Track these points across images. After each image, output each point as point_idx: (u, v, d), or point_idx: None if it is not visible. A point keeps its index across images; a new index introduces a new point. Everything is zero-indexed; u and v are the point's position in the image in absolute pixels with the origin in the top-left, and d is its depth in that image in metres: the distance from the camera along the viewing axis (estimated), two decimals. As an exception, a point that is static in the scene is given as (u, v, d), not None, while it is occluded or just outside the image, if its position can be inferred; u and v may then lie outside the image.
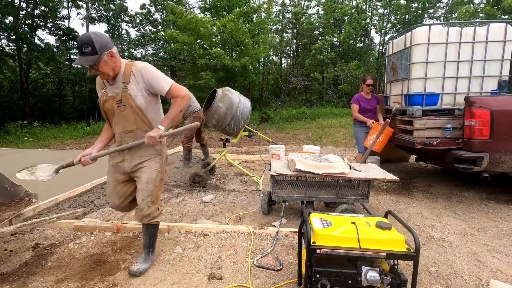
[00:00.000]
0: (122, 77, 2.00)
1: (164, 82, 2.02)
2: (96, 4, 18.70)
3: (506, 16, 13.77)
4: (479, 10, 15.73)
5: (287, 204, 3.13)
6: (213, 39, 12.48)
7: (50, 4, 15.36)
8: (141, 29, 20.90)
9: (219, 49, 11.74)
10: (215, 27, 11.91)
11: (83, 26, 19.32)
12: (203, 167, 4.82)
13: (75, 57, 18.11)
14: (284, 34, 21.47)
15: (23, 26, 15.44)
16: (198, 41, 12.72)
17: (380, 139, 4.19)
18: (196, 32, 12.19)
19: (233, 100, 4.15)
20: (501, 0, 12.67)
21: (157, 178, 2.17)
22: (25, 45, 15.02)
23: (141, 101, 2.02)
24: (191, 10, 15.93)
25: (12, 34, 14.71)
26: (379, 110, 4.60)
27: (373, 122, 4.35)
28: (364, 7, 20.23)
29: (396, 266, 1.61)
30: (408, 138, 3.89)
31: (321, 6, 20.08)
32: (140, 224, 2.91)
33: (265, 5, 14.48)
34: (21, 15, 14.85)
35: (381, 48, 20.78)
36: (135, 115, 2.04)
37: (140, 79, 2.00)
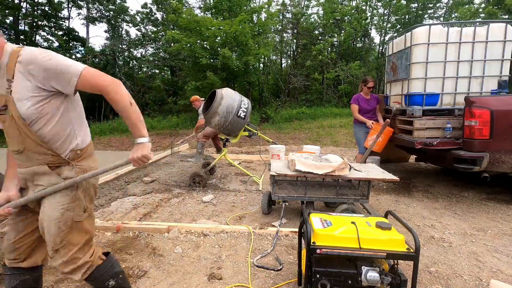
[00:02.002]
0: (5, 72, 1.32)
1: (69, 71, 1.32)
2: (97, 4, 18.71)
3: (507, 16, 13.78)
4: (480, 10, 15.73)
5: (287, 204, 3.13)
6: (216, 40, 12.48)
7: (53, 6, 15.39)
8: (142, 28, 20.91)
9: (227, 49, 11.72)
10: (221, 27, 11.89)
11: (83, 26, 19.31)
12: (203, 167, 4.82)
13: (75, 57, 18.13)
14: (284, 34, 21.46)
15: (24, 26, 15.47)
16: (198, 41, 12.72)
17: (380, 139, 4.19)
18: (198, 32, 12.19)
19: (233, 100, 4.15)
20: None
21: (61, 218, 1.40)
22: (25, 43, 15.02)
23: (28, 109, 1.30)
24: (192, 9, 15.89)
25: (12, 34, 14.73)
26: (379, 110, 4.60)
27: (372, 123, 4.36)
28: (364, 7, 20.23)
29: (396, 266, 1.61)
30: (408, 138, 3.89)
31: (321, 6, 20.08)
32: (140, 224, 2.92)
33: (267, 7, 14.51)
34: (21, 15, 14.86)
35: (381, 48, 20.79)
36: (17, 129, 1.33)
37: (31, 73, 1.30)
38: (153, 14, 20.55)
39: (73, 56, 18.05)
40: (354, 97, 4.61)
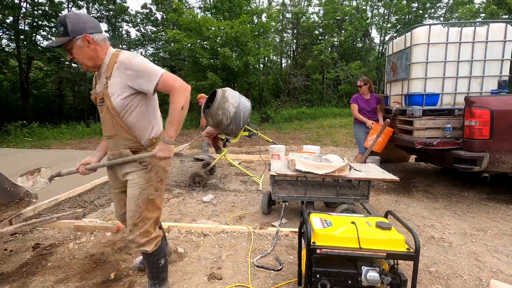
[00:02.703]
0: (105, 71, 1.65)
1: (151, 74, 1.58)
2: (97, 4, 18.71)
3: (506, 16, 13.77)
4: (480, 10, 15.73)
5: (287, 204, 3.13)
6: (216, 40, 12.48)
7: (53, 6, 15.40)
8: (142, 28, 20.92)
9: (227, 49, 11.71)
10: (222, 28, 11.88)
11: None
12: (203, 167, 4.82)
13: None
14: (284, 34, 21.47)
15: (24, 25, 15.46)
16: (199, 41, 12.72)
17: (380, 139, 4.20)
18: (199, 32, 12.18)
19: (233, 100, 4.15)
20: None
21: (140, 196, 1.73)
22: (25, 43, 15.02)
23: (118, 101, 1.62)
24: (192, 9, 15.90)
25: (12, 34, 14.73)
26: (379, 109, 4.60)
27: (372, 123, 4.36)
28: (364, 7, 20.23)
29: (396, 266, 1.61)
30: (408, 138, 3.89)
31: (321, 6, 20.08)
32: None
33: (267, 10, 14.52)
34: (21, 15, 14.86)
35: (381, 48, 20.79)
36: (111, 118, 1.66)
37: (123, 73, 1.60)
38: (153, 14, 20.57)
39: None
40: (354, 97, 4.64)
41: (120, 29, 20.97)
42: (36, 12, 15.77)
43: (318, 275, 1.61)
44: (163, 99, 8.29)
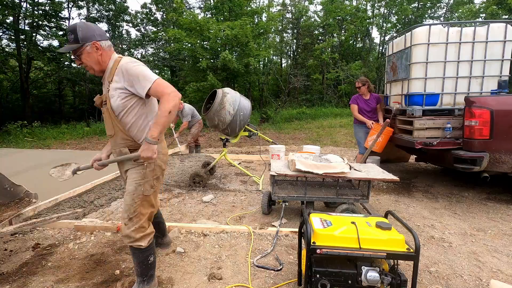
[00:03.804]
0: (108, 75, 1.79)
1: (145, 79, 1.69)
2: (97, 4, 18.71)
3: (506, 16, 13.77)
4: (481, 10, 15.73)
5: (287, 204, 3.13)
6: (217, 40, 12.47)
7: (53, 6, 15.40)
8: (142, 29, 20.91)
9: (227, 51, 11.72)
10: (222, 29, 11.88)
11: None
12: (203, 167, 4.82)
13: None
14: (284, 34, 21.47)
15: (24, 25, 15.46)
16: (198, 41, 12.71)
17: (380, 139, 4.20)
18: (199, 32, 12.16)
19: (233, 100, 4.15)
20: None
21: (135, 192, 1.82)
22: (25, 43, 15.01)
23: (117, 103, 1.75)
24: (192, 9, 15.91)
25: (12, 34, 14.73)
26: (379, 109, 4.60)
27: (373, 123, 4.36)
28: (365, 7, 20.23)
29: (396, 266, 1.61)
30: (408, 138, 3.89)
31: (323, 6, 20.07)
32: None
33: (268, 9, 14.51)
34: (21, 15, 14.86)
35: (381, 48, 20.79)
36: (110, 118, 1.80)
37: (122, 77, 1.73)
38: (153, 14, 20.56)
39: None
40: (353, 97, 4.66)
41: (120, 29, 20.97)
42: (36, 12, 15.76)
43: (318, 275, 1.61)
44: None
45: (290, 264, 2.31)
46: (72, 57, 1.79)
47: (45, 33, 16.37)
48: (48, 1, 15.72)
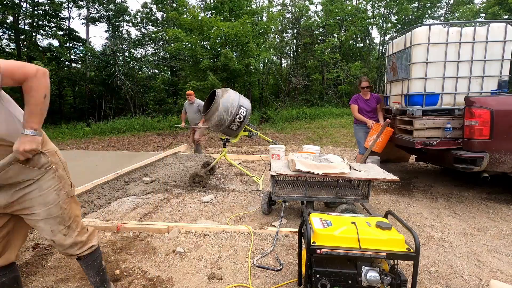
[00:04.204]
0: None
1: None
2: (97, 4, 18.72)
3: (507, 16, 13.78)
4: (481, 10, 15.73)
5: (287, 204, 3.13)
6: (217, 40, 12.47)
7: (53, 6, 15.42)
8: (142, 28, 20.91)
9: (229, 51, 11.71)
10: (223, 29, 11.88)
11: (84, 25, 19.34)
12: (203, 167, 4.82)
13: (75, 57, 18.14)
14: (284, 34, 21.48)
15: (24, 25, 15.47)
16: (199, 41, 12.71)
17: (380, 139, 4.20)
18: (200, 32, 12.15)
19: (233, 100, 4.15)
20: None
21: (59, 198, 1.57)
22: (25, 43, 15.02)
23: None
24: (193, 8, 15.88)
25: (12, 34, 14.73)
26: (379, 109, 4.60)
27: (373, 123, 4.36)
28: (365, 7, 20.23)
29: (396, 266, 1.61)
30: (408, 138, 3.89)
31: (322, 6, 20.08)
32: (140, 224, 2.92)
33: (268, 9, 14.52)
34: (21, 15, 14.87)
35: (381, 48, 20.79)
36: None
37: None
38: (153, 13, 20.56)
39: (73, 56, 18.07)
40: (353, 97, 4.65)
41: (120, 29, 20.98)
42: (36, 12, 15.77)
43: (318, 275, 1.60)
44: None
45: (290, 264, 2.31)
46: None
47: (45, 32, 16.39)
48: (48, 1, 15.74)
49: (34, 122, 1.37)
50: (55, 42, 17.03)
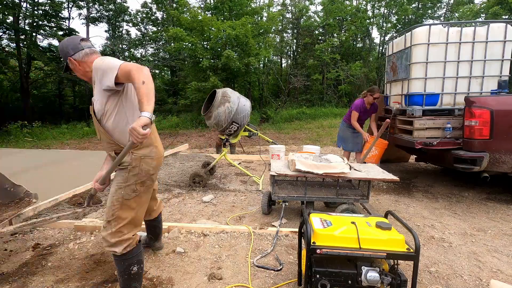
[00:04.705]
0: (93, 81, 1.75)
1: (111, 69, 1.59)
2: (97, 4, 18.71)
3: (507, 16, 13.78)
4: (482, 10, 15.73)
5: (287, 204, 3.13)
6: (218, 41, 12.46)
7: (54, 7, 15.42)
8: (142, 28, 20.91)
9: (230, 50, 11.70)
10: (223, 30, 11.86)
11: (83, 25, 19.34)
12: (203, 167, 4.82)
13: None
14: (284, 34, 21.48)
15: (24, 25, 15.47)
16: (199, 41, 12.70)
17: (376, 152, 4.22)
18: (200, 32, 12.14)
19: (233, 100, 4.15)
20: None
21: (115, 194, 1.76)
22: (25, 43, 15.01)
23: (97, 107, 1.70)
24: (193, 8, 15.89)
25: (12, 34, 14.73)
26: (373, 119, 4.57)
27: (368, 136, 4.38)
28: (365, 7, 20.22)
29: (396, 266, 1.61)
30: (408, 138, 3.89)
31: (322, 6, 20.07)
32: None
33: (268, 8, 14.51)
34: (21, 15, 14.87)
35: (381, 48, 20.78)
36: (95, 123, 1.77)
37: (96, 78, 1.68)
38: (153, 13, 20.55)
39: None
40: (358, 104, 4.44)
41: (120, 29, 20.98)
42: (36, 12, 15.77)
43: (318, 275, 1.60)
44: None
45: (290, 264, 2.31)
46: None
47: (45, 32, 16.38)
48: (48, 1, 15.74)
49: (144, 106, 1.50)
50: (55, 42, 17.05)
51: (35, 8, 15.82)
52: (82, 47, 1.76)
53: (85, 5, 18.29)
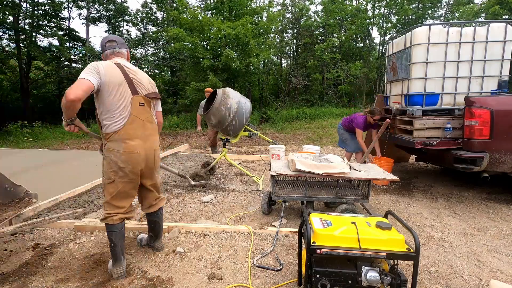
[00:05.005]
0: None
1: None
2: (97, 4, 18.72)
3: (507, 16, 13.78)
4: (481, 10, 15.72)
5: (287, 204, 3.13)
6: (218, 41, 12.45)
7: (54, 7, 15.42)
8: (142, 28, 20.91)
9: (230, 50, 11.70)
10: (223, 30, 11.85)
11: (83, 25, 19.32)
12: (203, 167, 4.82)
13: (75, 57, 18.13)
14: (284, 34, 21.48)
15: (24, 25, 15.47)
16: (199, 41, 12.70)
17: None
18: (200, 32, 12.13)
19: (233, 100, 4.15)
20: None
21: (102, 174, 2.12)
22: (25, 43, 15.01)
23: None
24: (193, 9, 15.90)
25: (12, 33, 14.73)
26: (375, 134, 4.45)
27: (373, 158, 4.36)
28: (365, 7, 20.21)
29: (396, 266, 1.61)
30: (408, 138, 3.89)
31: (322, 6, 20.06)
32: (140, 224, 2.92)
33: (268, 8, 14.51)
34: (21, 15, 14.87)
35: (381, 48, 20.78)
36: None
37: None
38: (153, 13, 20.55)
39: (73, 56, 18.06)
40: (361, 122, 4.38)
41: (120, 29, 20.97)
42: (36, 12, 15.77)
43: (318, 275, 1.60)
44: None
45: (290, 264, 2.31)
46: None
47: (45, 32, 16.38)
48: (48, 1, 15.74)
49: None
50: (55, 42, 17.06)
51: (35, 8, 15.83)
52: (106, 48, 2.15)
53: (85, 5, 18.29)
